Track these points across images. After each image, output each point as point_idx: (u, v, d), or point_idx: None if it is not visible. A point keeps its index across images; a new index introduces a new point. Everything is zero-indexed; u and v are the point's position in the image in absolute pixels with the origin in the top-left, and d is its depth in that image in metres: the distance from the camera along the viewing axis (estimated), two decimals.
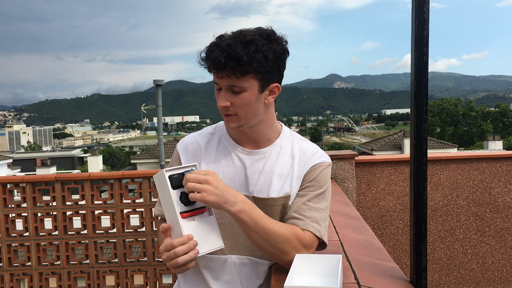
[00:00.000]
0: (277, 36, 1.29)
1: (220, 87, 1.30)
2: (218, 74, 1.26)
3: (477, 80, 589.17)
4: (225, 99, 1.29)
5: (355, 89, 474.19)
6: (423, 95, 1.25)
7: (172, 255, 1.16)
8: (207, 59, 1.25)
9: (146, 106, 14.13)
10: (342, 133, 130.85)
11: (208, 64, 1.26)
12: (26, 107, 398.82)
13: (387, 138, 32.38)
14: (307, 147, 1.44)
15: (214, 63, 1.23)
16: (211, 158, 1.42)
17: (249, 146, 1.42)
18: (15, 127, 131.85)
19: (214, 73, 1.28)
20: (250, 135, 1.40)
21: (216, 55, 1.22)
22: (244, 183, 1.38)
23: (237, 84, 1.26)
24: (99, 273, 3.43)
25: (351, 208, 2.78)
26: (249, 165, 1.39)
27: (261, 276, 1.44)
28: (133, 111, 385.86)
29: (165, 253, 1.18)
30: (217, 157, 1.41)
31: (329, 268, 1.24)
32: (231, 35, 1.27)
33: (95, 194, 3.42)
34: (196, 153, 1.44)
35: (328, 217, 1.44)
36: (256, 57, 1.22)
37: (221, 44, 1.23)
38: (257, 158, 1.40)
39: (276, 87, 1.34)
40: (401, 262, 4.15)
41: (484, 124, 52.26)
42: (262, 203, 1.35)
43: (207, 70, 1.29)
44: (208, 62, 1.25)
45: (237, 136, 1.42)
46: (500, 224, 4.25)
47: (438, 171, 4.20)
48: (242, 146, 1.41)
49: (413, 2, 1.24)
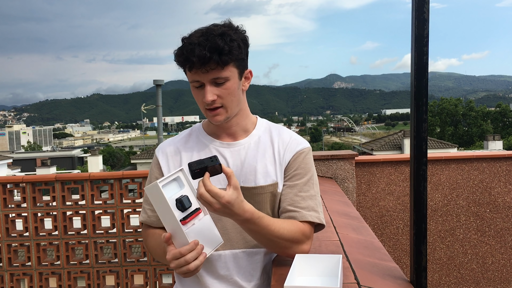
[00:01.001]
0: (237, 26, 1.36)
1: (201, 84, 1.32)
2: (202, 69, 1.28)
3: (477, 80, 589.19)
4: (212, 93, 1.32)
5: (355, 89, 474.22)
6: (423, 95, 1.25)
7: (182, 262, 1.18)
8: (190, 57, 1.27)
9: (146, 106, 14.13)
10: (342, 133, 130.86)
11: (191, 62, 1.27)
12: (26, 107, 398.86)
13: (387, 138, 32.38)
14: (285, 135, 1.47)
15: (199, 58, 1.26)
16: (190, 157, 1.43)
17: (227, 139, 1.45)
18: (15, 127, 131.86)
19: (195, 71, 1.30)
20: (228, 128, 1.44)
21: (199, 50, 1.25)
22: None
23: (221, 75, 1.30)
24: (99, 273, 3.43)
25: (351, 208, 2.78)
26: (230, 158, 1.42)
27: (257, 266, 1.44)
28: (133, 111, 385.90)
29: (174, 261, 1.20)
30: (197, 155, 1.43)
31: (329, 268, 1.24)
32: (200, 32, 1.30)
33: (95, 194, 3.42)
34: (175, 155, 1.46)
35: (321, 199, 1.49)
36: (233, 46, 1.29)
37: (197, 41, 1.27)
38: (237, 150, 1.43)
39: (249, 72, 1.42)
40: (401, 262, 4.15)
41: (484, 124, 52.26)
42: (251, 192, 1.38)
43: (188, 69, 1.31)
44: (193, 59, 1.26)
45: (214, 131, 1.45)
46: (500, 224, 4.25)
47: (438, 171, 4.20)
48: (220, 140, 1.45)
49: (413, 2, 1.24)
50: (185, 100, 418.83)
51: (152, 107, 11.87)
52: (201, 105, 1.36)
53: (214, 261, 1.41)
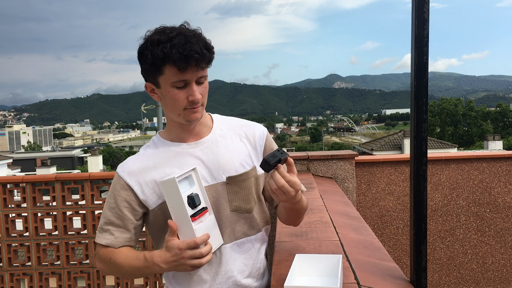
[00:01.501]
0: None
1: (185, 84, 1.30)
2: (199, 66, 1.27)
3: (477, 80, 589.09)
4: (198, 91, 1.32)
5: (355, 89, 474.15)
6: (423, 95, 1.25)
7: (197, 254, 1.23)
8: (192, 54, 1.24)
9: (146, 106, 14.14)
10: (342, 133, 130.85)
11: (192, 59, 1.25)
12: (26, 107, 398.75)
13: (387, 138, 32.37)
14: (241, 122, 1.54)
15: (200, 55, 1.25)
16: (164, 168, 1.39)
17: (193, 140, 1.44)
18: (15, 127, 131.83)
19: (187, 69, 1.26)
20: (194, 128, 1.43)
21: (198, 48, 1.25)
22: (209, 174, 1.41)
23: (204, 73, 1.32)
24: (99, 273, 3.43)
25: (351, 208, 2.78)
26: (203, 156, 1.42)
27: (249, 256, 1.48)
28: (133, 111, 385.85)
29: (188, 251, 1.22)
30: (169, 163, 1.40)
31: (329, 268, 1.24)
32: (176, 31, 1.27)
33: (95, 194, 3.42)
34: (144, 172, 1.40)
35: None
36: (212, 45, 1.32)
37: (187, 39, 1.25)
38: (207, 146, 1.43)
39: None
40: (401, 262, 4.15)
41: (484, 124, 52.25)
42: (237, 179, 1.42)
43: (180, 67, 1.25)
44: (196, 56, 1.24)
45: (178, 135, 1.43)
46: (500, 224, 4.25)
47: (438, 171, 4.20)
48: (187, 142, 1.43)
49: (413, 2, 1.24)
50: None
51: (152, 107, 11.88)
52: (180, 106, 1.32)
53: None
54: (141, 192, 1.39)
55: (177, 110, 1.34)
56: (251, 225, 1.47)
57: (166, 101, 1.35)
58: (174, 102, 1.32)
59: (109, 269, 1.45)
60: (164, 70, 1.27)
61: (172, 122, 1.42)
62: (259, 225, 1.50)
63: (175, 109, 1.34)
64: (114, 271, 1.48)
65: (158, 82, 1.32)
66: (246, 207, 1.44)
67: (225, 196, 1.42)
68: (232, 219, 1.43)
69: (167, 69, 1.27)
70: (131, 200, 1.41)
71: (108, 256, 1.42)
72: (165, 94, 1.32)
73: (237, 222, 1.44)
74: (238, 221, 1.44)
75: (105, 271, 1.49)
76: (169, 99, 1.33)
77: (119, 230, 1.42)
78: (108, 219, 1.43)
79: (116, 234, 1.42)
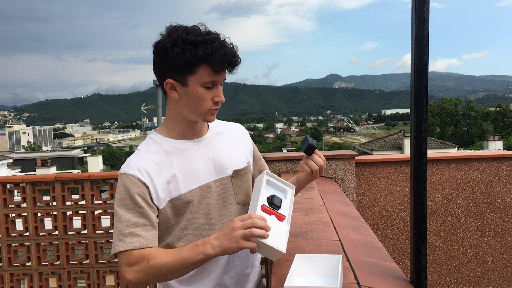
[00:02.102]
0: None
1: (213, 85, 1.35)
2: (226, 71, 1.35)
3: (477, 80, 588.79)
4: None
5: (355, 89, 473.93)
6: (423, 95, 1.25)
7: (249, 223, 1.20)
8: (233, 59, 1.32)
9: (146, 106, 14.13)
10: (342, 133, 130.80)
11: (230, 63, 1.33)
12: (26, 107, 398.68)
13: (387, 138, 32.36)
14: (226, 123, 1.62)
15: (235, 60, 1.34)
16: (175, 166, 1.39)
17: (195, 137, 1.47)
18: (15, 127, 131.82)
19: (222, 71, 1.33)
20: (198, 126, 1.48)
21: (233, 52, 1.33)
22: (215, 169, 1.45)
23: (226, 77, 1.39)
24: (99, 273, 3.43)
25: (351, 208, 2.78)
26: (207, 152, 1.46)
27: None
28: (133, 111, 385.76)
29: (239, 222, 1.21)
30: (176, 160, 1.40)
31: (329, 268, 1.24)
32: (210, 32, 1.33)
33: (95, 194, 3.41)
34: (152, 168, 1.37)
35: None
36: None
37: (223, 44, 1.32)
38: (208, 143, 1.48)
39: None
40: (401, 262, 4.15)
41: (484, 124, 52.24)
42: (240, 173, 1.51)
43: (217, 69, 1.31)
44: (237, 60, 1.34)
45: (182, 133, 1.45)
46: (500, 224, 4.25)
47: (438, 171, 4.20)
48: (191, 140, 1.46)
49: (413, 2, 1.24)
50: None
51: (152, 107, 11.87)
52: (206, 106, 1.36)
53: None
54: (153, 189, 1.35)
55: (201, 109, 1.36)
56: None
57: (189, 100, 1.36)
58: (199, 102, 1.35)
59: (150, 274, 1.29)
60: (198, 69, 1.30)
61: (179, 119, 1.42)
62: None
63: (198, 109, 1.36)
64: (157, 274, 1.30)
65: (186, 81, 1.33)
66: (247, 200, 1.51)
67: (231, 190, 1.47)
68: (238, 212, 1.49)
69: (202, 69, 1.30)
70: (146, 196, 1.35)
71: (144, 258, 1.30)
72: (192, 93, 1.34)
73: (241, 214, 1.48)
74: (242, 213, 1.48)
75: (144, 280, 1.30)
76: (194, 98, 1.35)
77: (144, 229, 1.33)
78: (129, 221, 1.32)
79: (143, 234, 1.32)
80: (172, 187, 1.37)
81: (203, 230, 1.41)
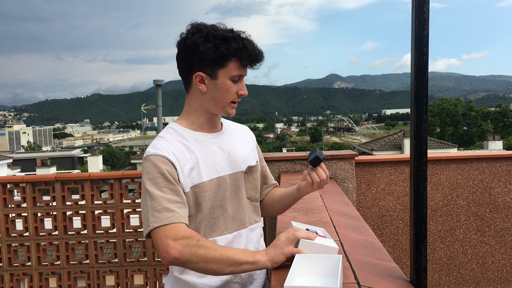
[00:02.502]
0: None
1: (238, 79, 1.44)
2: (252, 66, 1.43)
3: (477, 80, 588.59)
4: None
5: (355, 89, 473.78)
6: (423, 95, 1.25)
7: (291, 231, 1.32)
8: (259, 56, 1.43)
9: (146, 106, 14.13)
10: (342, 133, 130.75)
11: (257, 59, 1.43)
12: (26, 107, 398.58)
13: (387, 138, 32.35)
14: (233, 122, 1.68)
15: (262, 57, 1.44)
16: (197, 155, 1.45)
17: (213, 131, 1.54)
18: (15, 127, 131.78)
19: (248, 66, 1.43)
20: (216, 121, 1.54)
21: (260, 50, 1.44)
22: (230, 163, 1.52)
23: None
24: (99, 273, 3.43)
25: (351, 208, 2.78)
26: (224, 146, 1.52)
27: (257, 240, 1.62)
28: (133, 111, 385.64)
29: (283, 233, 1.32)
30: (198, 150, 1.46)
31: (329, 268, 1.24)
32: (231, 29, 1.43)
33: (95, 194, 3.41)
34: (179, 153, 1.41)
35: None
36: None
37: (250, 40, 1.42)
38: (225, 137, 1.55)
39: None
40: (401, 262, 4.15)
41: (484, 124, 52.25)
42: (252, 170, 1.58)
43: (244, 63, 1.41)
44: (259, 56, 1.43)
45: (201, 125, 1.51)
46: (500, 224, 4.25)
47: (438, 171, 4.20)
48: (209, 133, 1.52)
49: (413, 2, 1.24)
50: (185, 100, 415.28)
51: (152, 107, 11.87)
52: (230, 98, 1.45)
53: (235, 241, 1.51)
54: (181, 171, 1.38)
55: (226, 101, 1.44)
56: (257, 212, 1.64)
57: (217, 92, 1.43)
58: (226, 94, 1.43)
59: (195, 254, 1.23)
60: (229, 63, 1.39)
61: (202, 112, 1.49)
62: (260, 214, 1.67)
63: (224, 101, 1.44)
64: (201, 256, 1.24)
65: (216, 74, 1.41)
66: (256, 196, 1.61)
67: (243, 184, 1.55)
68: (248, 206, 1.58)
69: (232, 63, 1.40)
70: (175, 175, 1.36)
71: (194, 237, 1.26)
72: (221, 85, 1.42)
73: (250, 209, 1.59)
74: (250, 208, 1.59)
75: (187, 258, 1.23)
76: (222, 91, 1.43)
77: (177, 206, 1.31)
78: (162, 197, 1.29)
79: (177, 210, 1.30)
80: (195, 174, 1.42)
81: (218, 221, 1.47)
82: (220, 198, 1.47)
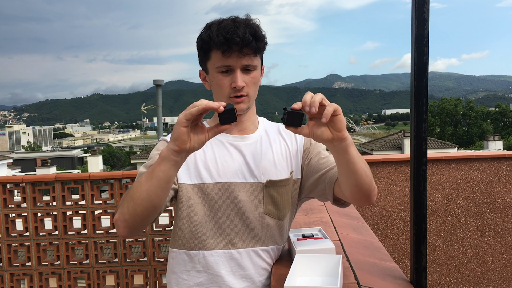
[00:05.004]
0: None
1: (229, 69, 1.30)
2: (240, 52, 1.26)
3: (477, 80, 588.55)
4: (242, 79, 1.30)
5: (355, 89, 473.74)
6: (423, 95, 1.25)
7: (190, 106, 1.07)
8: (233, 37, 1.23)
9: (146, 106, 14.13)
10: None
11: (233, 42, 1.23)
12: (26, 107, 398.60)
13: (387, 138, 32.34)
14: (281, 126, 1.48)
15: (242, 40, 1.24)
16: (208, 155, 1.38)
17: (238, 133, 1.42)
18: (15, 127, 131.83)
19: (230, 53, 1.26)
20: (242, 123, 1.41)
21: (242, 32, 1.24)
22: (247, 170, 1.37)
23: (252, 62, 1.31)
24: (99, 273, 3.43)
25: (351, 208, 2.78)
26: (246, 151, 1.39)
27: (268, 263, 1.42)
28: (133, 111, 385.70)
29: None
30: (212, 150, 1.38)
31: (329, 268, 1.24)
32: (230, 20, 1.29)
33: (95, 194, 3.41)
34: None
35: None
36: (265, 36, 1.32)
37: (236, 25, 1.25)
38: (251, 143, 1.41)
39: (264, 67, 1.43)
40: (401, 262, 4.15)
41: (484, 124, 52.28)
42: (276, 184, 1.37)
43: (223, 51, 1.25)
44: (237, 39, 1.23)
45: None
46: (500, 224, 4.25)
47: (438, 171, 4.20)
48: (232, 135, 1.41)
49: (413, 2, 1.24)
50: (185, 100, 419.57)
51: (152, 107, 11.87)
52: (225, 92, 1.31)
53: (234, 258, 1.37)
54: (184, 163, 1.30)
55: (222, 97, 1.32)
56: (280, 233, 1.42)
57: (214, 87, 1.35)
58: (218, 88, 1.32)
59: (123, 201, 1.19)
60: (211, 54, 1.30)
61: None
62: (286, 235, 1.46)
63: (220, 96, 1.33)
64: (126, 197, 1.19)
65: (207, 68, 1.34)
66: (278, 214, 1.39)
67: (260, 198, 1.37)
68: (265, 222, 1.38)
69: (213, 54, 1.29)
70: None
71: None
72: (212, 80, 1.34)
73: (268, 227, 1.38)
74: (269, 227, 1.39)
75: (123, 211, 1.17)
76: (214, 85, 1.34)
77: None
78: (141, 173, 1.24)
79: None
80: (198, 172, 1.35)
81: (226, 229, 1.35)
82: (228, 207, 1.35)
